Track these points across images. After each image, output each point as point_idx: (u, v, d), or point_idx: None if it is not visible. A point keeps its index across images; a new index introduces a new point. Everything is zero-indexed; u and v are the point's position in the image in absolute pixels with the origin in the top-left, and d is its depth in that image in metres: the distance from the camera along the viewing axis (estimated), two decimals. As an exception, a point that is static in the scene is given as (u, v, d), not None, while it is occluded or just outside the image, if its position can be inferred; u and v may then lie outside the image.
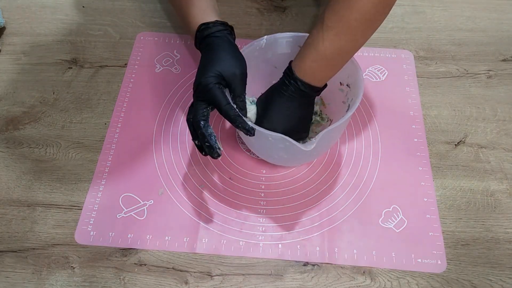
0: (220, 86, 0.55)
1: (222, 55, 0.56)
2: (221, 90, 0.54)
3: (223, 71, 0.55)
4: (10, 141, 0.70)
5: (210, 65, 0.55)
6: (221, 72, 0.55)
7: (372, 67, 0.79)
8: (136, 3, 0.89)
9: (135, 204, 0.64)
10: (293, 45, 0.65)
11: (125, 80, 0.77)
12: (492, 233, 0.62)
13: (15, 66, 0.79)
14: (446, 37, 0.84)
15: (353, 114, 0.73)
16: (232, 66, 0.56)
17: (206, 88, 0.54)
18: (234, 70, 0.55)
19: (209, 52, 0.58)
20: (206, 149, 0.55)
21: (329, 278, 0.58)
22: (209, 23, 0.59)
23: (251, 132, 0.53)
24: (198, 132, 0.54)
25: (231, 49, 0.58)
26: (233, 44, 0.59)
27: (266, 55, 0.66)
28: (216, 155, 0.54)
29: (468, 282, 0.58)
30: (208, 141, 0.53)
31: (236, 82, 0.56)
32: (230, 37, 0.60)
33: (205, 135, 0.53)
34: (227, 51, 0.57)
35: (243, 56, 0.58)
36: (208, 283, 0.58)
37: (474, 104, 0.75)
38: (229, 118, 0.53)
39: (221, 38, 0.59)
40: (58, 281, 0.58)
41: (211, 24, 0.59)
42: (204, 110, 0.54)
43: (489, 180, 0.66)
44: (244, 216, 0.63)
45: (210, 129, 0.54)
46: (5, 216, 0.63)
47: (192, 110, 0.55)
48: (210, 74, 0.54)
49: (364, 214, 0.63)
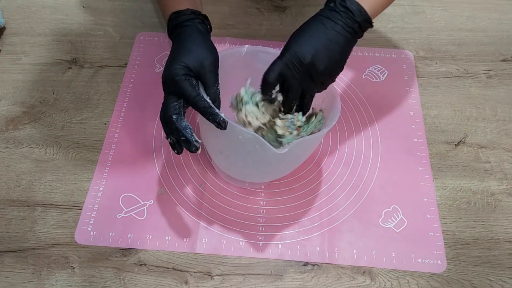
0: (188, 77, 0.51)
1: (189, 46, 0.53)
2: (189, 82, 0.51)
3: (190, 62, 0.52)
4: (10, 141, 0.70)
5: (176, 57, 0.52)
6: (188, 63, 0.52)
7: (372, 67, 0.79)
8: (136, 3, 0.89)
9: (135, 204, 0.64)
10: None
11: (125, 80, 0.77)
12: (492, 233, 0.62)
13: (15, 66, 0.79)
14: (446, 37, 0.84)
15: (353, 114, 0.73)
16: (200, 56, 0.52)
17: (173, 81, 0.51)
18: (202, 61, 0.52)
19: (177, 42, 0.55)
20: (183, 144, 0.51)
21: (329, 278, 0.58)
22: (180, 12, 0.57)
23: (222, 125, 0.48)
24: (172, 127, 0.50)
25: (199, 38, 0.54)
26: (202, 33, 0.56)
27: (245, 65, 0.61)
28: (194, 148, 0.50)
29: (468, 282, 0.58)
30: (184, 135, 0.50)
31: (205, 73, 0.52)
32: (201, 26, 0.57)
33: (179, 129, 0.50)
34: (195, 41, 0.54)
35: (213, 45, 0.55)
36: (208, 283, 0.58)
37: (474, 104, 0.75)
38: (199, 110, 0.50)
39: (190, 27, 0.56)
40: (58, 281, 0.58)
41: (182, 12, 0.57)
42: (175, 103, 0.51)
43: (489, 180, 0.66)
44: (244, 216, 0.63)
45: (184, 122, 0.50)
46: (5, 216, 0.63)
47: (163, 107, 0.52)
48: (176, 66, 0.51)
49: (364, 214, 0.63)
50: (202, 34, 0.56)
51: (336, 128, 0.71)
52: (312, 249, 0.60)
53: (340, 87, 0.76)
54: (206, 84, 0.53)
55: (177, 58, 0.53)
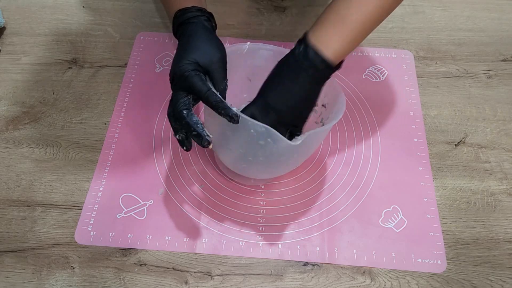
0: (197, 73, 0.51)
1: (197, 42, 0.53)
2: (199, 77, 0.50)
3: (199, 58, 0.51)
4: (10, 141, 0.70)
5: (184, 54, 0.52)
6: (197, 60, 0.51)
7: (372, 67, 0.79)
8: (136, 3, 0.89)
9: (135, 204, 0.64)
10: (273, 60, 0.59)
11: (125, 80, 0.77)
12: (492, 233, 0.62)
13: (15, 66, 0.79)
14: (446, 37, 0.84)
15: (353, 114, 0.73)
16: (208, 52, 0.52)
17: (182, 77, 0.51)
18: (211, 57, 0.52)
19: (184, 40, 0.54)
20: (194, 139, 0.50)
21: (329, 278, 0.58)
22: (186, 9, 0.56)
23: (235, 119, 0.48)
24: (183, 122, 0.50)
25: (207, 35, 0.54)
26: (209, 30, 0.56)
27: (246, 63, 0.62)
28: (206, 142, 0.49)
29: (468, 282, 0.58)
30: (195, 129, 0.49)
31: (215, 69, 0.52)
32: (207, 23, 0.56)
33: (190, 124, 0.49)
34: (203, 38, 0.54)
35: (221, 42, 0.55)
36: (208, 283, 0.58)
37: (474, 104, 0.75)
38: (211, 105, 0.49)
39: (196, 24, 0.55)
40: (58, 281, 0.58)
41: (188, 10, 0.56)
42: (185, 98, 0.51)
43: (489, 180, 0.66)
44: (244, 216, 0.63)
45: (194, 117, 0.50)
46: (5, 216, 0.63)
47: (172, 103, 0.52)
48: (185, 62, 0.51)
49: (364, 214, 0.63)
50: (208, 31, 0.56)
51: (336, 128, 0.71)
52: (312, 249, 0.60)
53: (340, 87, 0.76)
54: (215, 80, 0.53)
55: (185, 54, 0.52)
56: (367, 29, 0.53)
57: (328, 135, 0.70)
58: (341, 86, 0.76)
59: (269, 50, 0.61)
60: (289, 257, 0.60)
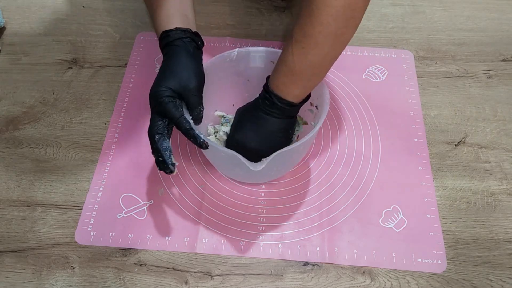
0: (171, 99, 0.53)
1: (175, 68, 0.55)
2: (173, 104, 0.53)
3: (175, 85, 0.53)
4: (10, 141, 0.70)
5: (162, 79, 0.54)
6: (173, 87, 0.53)
7: (372, 67, 0.79)
8: (136, 3, 0.89)
9: (135, 204, 0.64)
10: (266, 60, 0.63)
11: (125, 80, 0.77)
12: (492, 233, 0.62)
13: (15, 66, 0.79)
14: (446, 37, 0.84)
15: (353, 114, 0.73)
16: (185, 79, 0.54)
17: (157, 102, 0.53)
18: (187, 84, 0.54)
19: (164, 64, 0.56)
20: (159, 164, 0.53)
21: (329, 278, 0.58)
22: (169, 31, 0.57)
23: (203, 146, 0.52)
24: (154, 146, 0.53)
25: (187, 60, 0.56)
26: (190, 54, 0.56)
27: (238, 67, 0.64)
28: (169, 171, 0.52)
29: (468, 282, 0.58)
30: (162, 156, 0.52)
31: (190, 95, 0.54)
32: (190, 45, 0.57)
33: (158, 149, 0.52)
34: (182, 64, 0.55)
35: (200, 67, 0.57)
36: (208, 283, 0.58)
37: (474, 104, 0.75)
38: (181, 131, 0.53)
39: (180, 47, 0.56)
40: (58, 281, 0.58)
41: (171, 32, 0.57)
42: (160, 123, 0.53)
43: (489, 180, 0.66)
44: (244, 216, 0.63)
45: (165, 143, 0.52)
46: (5, 216, 0.63)
47: (150, 124, 0.54)
48: (161, 88, 0.53)
49: (364, 214, 0.63)
50: (189, 55, 0.56)
51: (336, 128, 0.72)
52: (312, 249, 0.60)
53: (340, 87, 0.76)
54: (190, 105, 0.55)
55: (162, 79, 0.54)
56: (319, 74, 0.55)
57: (328, 135, 0.71)
58: (341, 86, 0.77)
59: (260, 52, 0.63)
60: (289, 257, 0.60)
